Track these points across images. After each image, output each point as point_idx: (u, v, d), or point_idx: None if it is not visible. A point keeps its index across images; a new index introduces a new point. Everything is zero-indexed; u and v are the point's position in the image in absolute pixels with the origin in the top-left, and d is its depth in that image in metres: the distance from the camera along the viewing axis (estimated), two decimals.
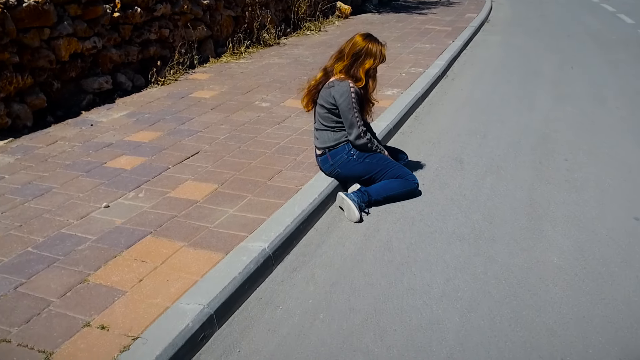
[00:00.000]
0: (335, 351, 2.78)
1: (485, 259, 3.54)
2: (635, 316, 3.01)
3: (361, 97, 4.22)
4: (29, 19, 5.88)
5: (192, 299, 2.98)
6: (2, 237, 3.65)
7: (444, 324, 2.95)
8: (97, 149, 5.18)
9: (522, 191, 4.49)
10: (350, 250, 3.69)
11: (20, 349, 2.65)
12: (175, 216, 3.87)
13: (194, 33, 8.41)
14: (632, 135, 5.82)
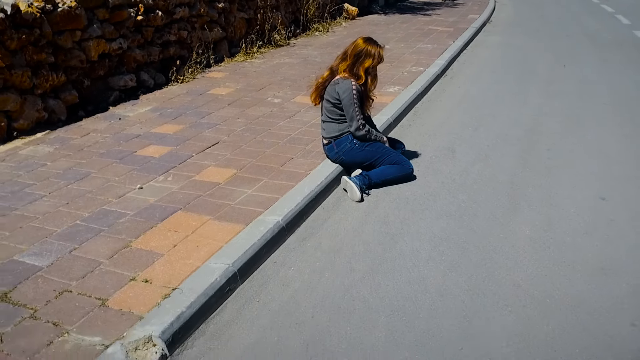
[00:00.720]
0: (338, 301, 3.37)
1: (467, 231, 4.13)
2: (591, 275, 3.58)
3: (362, 93, 4.81)
4: (63, 22, 6.50)
5: (218, 260, 3.58)
6: (53, 213, 4.26)
7: (428, 281, 3.54)
8: (127, 140, 5.79)
9: (505, 176, 5.07)
10: (352, 224, 4.28)
11: (80, 297, 3.26)
12: (200, 195, 4.47)
13: (210, 34, 9.02)
14: (614, 128, 6.37)
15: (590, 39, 12.10)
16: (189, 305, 3.16)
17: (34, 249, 3.76)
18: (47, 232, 3.97)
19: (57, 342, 2.90)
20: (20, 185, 4.78)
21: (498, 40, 12.08)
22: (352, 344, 3.02)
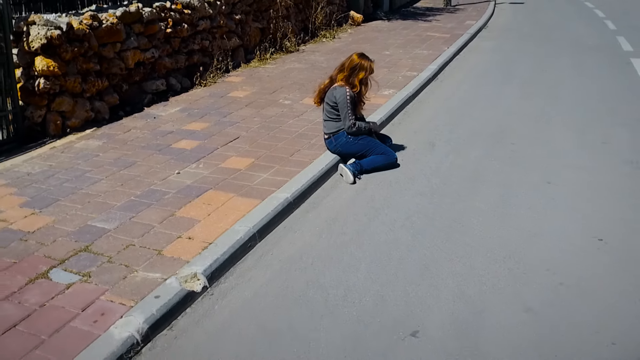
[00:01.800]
0: (331, 253, 4.53)
1: (435, 206, 5.28)
2: (526, 235, 4.71)
3: (355, 99, 5.97)
4: (106, 36, 7.70)
5: (242, 224, 4.75)
6: (111, 191, 5.44)
7: (400, 241, 4.69)
8: (163, 135, 6.98)
9: (472, 165, 6.22)
10: (345, 201, 5.45)
11: (142, 249, 4.44)
12: (226, 178, 5.65)
13: (229, 43, 10.21)
14: (571, 126, 7.50)
15: (574, 44, 13.19)
16: (222, 254, 4.33)
17: (101, 217, 4.95)
18: (109, 205, 5.16)
19: (129, 277, 4.08)
20: (80, 171, 5.98)
21: (490, 46, 13.21)
22: (340, 282, 4.18)
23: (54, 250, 4.43)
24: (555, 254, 4.45)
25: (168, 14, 8.80)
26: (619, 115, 7.88)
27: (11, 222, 4.89)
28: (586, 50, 12.49)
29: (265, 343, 3.56)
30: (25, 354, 3.36)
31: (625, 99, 8.68)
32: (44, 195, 5.41)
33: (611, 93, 9.04)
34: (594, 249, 4.50)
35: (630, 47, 12.66)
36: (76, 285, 4.00)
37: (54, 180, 5.75)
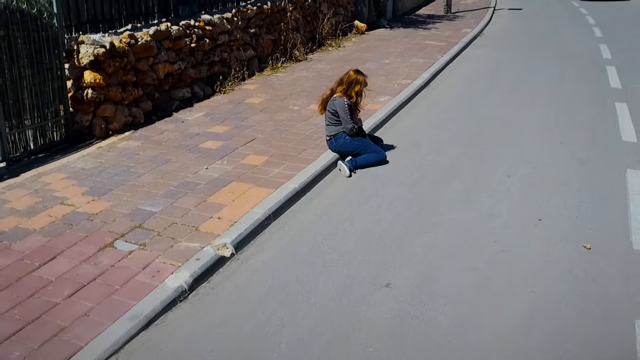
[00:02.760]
0: (329, 230, 5.83)
1: (414, 195, 6.57)
2: (483, 216, 5.98)
3: (352, 107, 7.26)
4: (141, 52, 9.03)
5: (260, 208, 6.05)
6: (154, 183, 6.76)
7: (383, 221, 5.98)
8: (191, 137, 8.30)
9: (449, 161, 7.51)
10: (342, 190, 6.75)
11: (183, 226, 5.75)
12: (246, 172, 6.96)
13: (244, 54, 11.52)
14: (537, 128, 8.75)
15: (560, 52, 14.41)
16: (245, 230, 5.64)
17: (148, 202, 6.27)
18: (153, 194, 6.48)
19: (175, 246, 5.39)
20: (126, 167, 7.30)
21: (481, 54, 14.45)
22: (335, 249, 5.47)
23: (114, 227, 5.76)
24: (502, 230, 5.73)
25: (192, 31, 10.12)
26: (580, 119, 9.13)
27: (78, 207, 6.22)
28: (569, 58, 13.71)
29: (279, 290, 4.86)
30: (104, 298, 4.67)
31: (590, 104, 9.91)
32: (99, 186, 6.74)
33: (580, 99, 10.28)
34: (532, 226, 5.78)
35: (610, 55, 13.88)
36: (135, 252, 5.32)
37: (105, 174, 7.08)
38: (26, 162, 7.62)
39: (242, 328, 4.41)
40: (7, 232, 5.72)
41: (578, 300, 4.61)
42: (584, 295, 4.67)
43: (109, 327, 4.35)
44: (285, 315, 4.52)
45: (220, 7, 11.44)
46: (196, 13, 10.56)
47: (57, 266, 5.12)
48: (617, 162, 7.34)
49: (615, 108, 9.60)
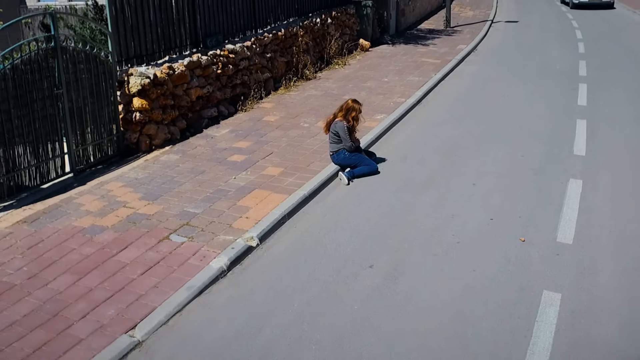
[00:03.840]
0: (330, 226, 7.67)
1: (397, 198, 8.39)
2: (446, 216, 7.80)
3: (350, 129, 9.11)
4: (178, 80, 10.91)
5: (277, 209, 7.90)
6: (194, 190, 8.63)
7: (372, 220, 7.81)
8: (220, 151, 10.17)
9: (428, 172, 9.32)
10: (342, 195, 8.59)
11: (219, 224, 7.60)
12: (266, 181, 8.81)
13: (261, 76, 13.39)
14: (504, 143, 10.53)
15: (541, 69, 16.17)
16: (267, 227, 7.49)
17: (191, 206, 8.13)
18: (194, 199, 8.34)
19: (215, 238, 7.25)
20: (169, 177, 9.18)
21: (472, 71, 16.24)
22: (334, 241, 7.30)
23: (168, 224, 7.63)
24: (461, 227, 7.55)
25: (218, 59, 12.00)
26: (542, 135, 10.91)
27: (137, 209, 8.10)
28: (549, 75, 15.46)
29: (292, 270, 6.71)
30: (167, 275, 6.53)
31: (554, 121, 11.68)
32: (151, 192, 8.62)
33: (547, 116, 12.05)
34: (484, 224, 7.60)
35: (585, 72, 15.62)
36: (186, 243, 7.19)
37: (154, 182, 8.96)
38: (88, 173, 9.53)
39: (266, 295, 6.27)
40: (87, 228, 7.61)
41: (505, 277, 6.43)
42: (511, 273, 6.49)
43: (172, 295, 6.22)
44: (296, 287, 6.38)
45: (241, 35, 13.31)
46: (221, 43, 12.43)
47: (129, 253, 7.00)
48: (564, 172, 9.13)
49: (575, 124, 11.37)
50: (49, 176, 9.06)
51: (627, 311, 5.79)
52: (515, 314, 5.80)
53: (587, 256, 6.79)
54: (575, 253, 6.86)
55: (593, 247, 6.99)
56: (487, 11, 28.55)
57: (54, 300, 6.17)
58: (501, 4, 32.84)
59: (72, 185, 9.05)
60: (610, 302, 5.95)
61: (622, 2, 31.35)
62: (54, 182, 9.10)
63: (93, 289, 6.35)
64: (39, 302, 6.14)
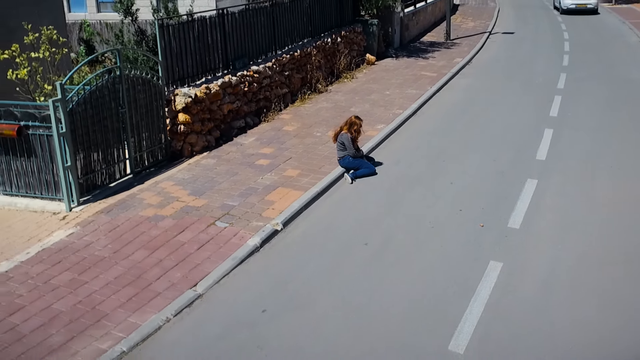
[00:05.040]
0: (337, 216, 10.02)
1: (390, 195, 10.72)
2: (427, 205, 10.12)
3: (353, 139, 11.46)
4: (213, 97, 13.30)
5: (296, 203, 10.26)
6: (230, 188, 11.00)
7: (368, 210, 10.15)
8: (248, 156, 12.54)
9: (416, 174, 11.64)
10: (346, 193, 10.95)
11: (251, 213, 9.97)
12: (286, 181, 11.18)
13: (281, 91, 15.76)
14: (481, 150, 12.81)
15: (526, 82, 18.39)
16: (288, 215, 9.85)
17: (229, 200, 10.51)
18: (231, 195, 10.71)
19: (250, 224, 9.62)
20: (210, 177, 11.56)
21: (464, 83, 18.51)
22: (339, 227, 9.64)
23: (213, 214, 10.01)
24: (436, 216, 9.87)
25: (245, 78, 14.38)
26: (513, 142, 13.18)
27: (188, 202, 10.48)
28: (531, 87, 17.69)
29: (307, 247, 9.07)
30: (216, 250, 8.92)
31: (526, 130, 13.94)
32: (197, 189, 11.00)
33: (521, 125, 14.30)
34: (455, 214, 9.90)
35: (563, 85, 17.84)
36: (228, 227, 9.57)
37: (198, 182, 11.34)
38: (144, 174, 11.93)
39: (288, 263, 8.64)
40: (151, 217, 10.01)
41: (464, 251, 8.74)
42: (469, 249, 8.80)
43: (221, 264, 8.59)
44: (310, 257, 8.75)
45: (263, 57, 15.68)
46: (247, 65, 14.82)
47: (186, 235, 9.39)
48: (524, 173, 11.41)
49: (543, 133, 13.62)
50: (115, 177, 11.48)
51: (546, 275, 8.09)
52: (468, 276, 8.11)
53: (528, 238, 9.10)
54: (519, 235, 9.17)
55: (534, 231, 9.29)
56: (487, 22, 30.74)
57: (135, 267, 8.57)
58: (502, 12, 35.03)
59: (133, 184, 11.45)
60: (536, 269, 8.26)
61: (615, 12, 33.46)
62: (119, 181, 11.51)
63: (163, 259, 8.74)
64: (125, 269, 8.54)
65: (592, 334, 6.92)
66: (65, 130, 10.14)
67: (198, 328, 7.35)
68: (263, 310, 7.61)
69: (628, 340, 6.78)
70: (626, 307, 7.36)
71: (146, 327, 7.29)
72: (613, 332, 6.92)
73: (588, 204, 10.13)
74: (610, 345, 6.74)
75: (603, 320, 7.14)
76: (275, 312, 7.60)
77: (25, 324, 7.43)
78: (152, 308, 7.65)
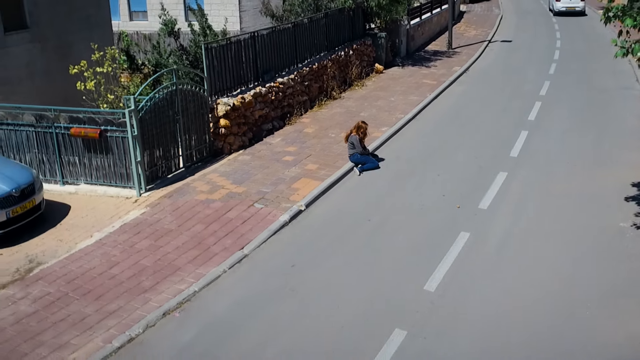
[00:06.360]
0: (348, 201, 12.92)
1: (390, 185, 13.61)
2: (418, 194, 13.01)
3: (360, 140, 14.37)
4: (247, 105, 16.25)
5: (316, 189, 13.18)
6: (264, 178, 13.95)
7: (371, 196, 13.05)
8: (276, 153, 15.48)
9: (412, 168, 14.52)
10: (355, 183, 13.86)
11: (282, 197, 12.90)
12: (308, 173, 14.10)
13: (301, 99, 18.69)
14: (466, 149, 15.65)
15: (514, 89, 21.17)
16: (310, 199, 12.79)
17: (266, 187, 13.43)
18: (265, 183, 13.65)
19: (280, 205, 12.55)
20: (246, 170, 14.50)
21: (460, 90, 21.33)
22: (349, 209, 12.56)
23: (251, 198, 12.96)
24: (424, 201, 12.74)
25: (272, 89, 17.33)
26: (494, 142, 15.99)
27: (231, 189, 13.44)
28: (518, 94, 20.45)
29: (323, 223, 11.99)
30: (255, 224, 11.86)
31: (506, 132, 16.74)
32: (237, 179, 13.95)
33: (503, 128, 17.11)
34: (438, 198, 12.78)
35: (545, 92, 20.61)
36: (264, 208, 12.51)
37: (238, 174, 14.29)
38: (194, 168, 14.90)
39: (311, 234, 11.58)
40: (203, 200, 12.97)
41: (442, 225, 11.61)
42: (446, 224, 11.65)
43: (260, 234, 11.54)
44: (327, 230, 11.68)
45: (287, 70, 18.61)
46: (274, 77, 17.76)
47: (232, 213, 12.34)
48: (498, 168, 14.25)
49: (519, 134, 16.44)
50: (171, 170, 14.46)
51: (500, 242, 10.96)
52: (443, 241, 11.00)
53: (491, 216, 11.96)
54: (486, 214, 12.04)
55: (497, 211, 12.16)
56: (489, 30, 33.45)
57: (196, 236, 11.53)
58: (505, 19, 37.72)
59: (185, 176, 14.42)
60: (493, 238, 11.13)
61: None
62: (174, 173, 14.48)
63: (216, 231, 11.70)
64: (189, 237, 11.51)
65: (529, 280, 9.78)
66: (137, 133, 13.11)
67: (246, 277, 10.30)
68: (292, 265, 10.54)
69: (553, 284, 9.65)
70: (554, 262, 10.23)
71: (210, 276, 10.24)
72: (544, 281, 9.79)
73: (542, 191, 12.97)
74: (542, 287, 9.61)
75: (537, 271, 10.00)
76: (301, 267, 10.52)
77: (122, 274, 10.40)
78: (212, 263, 10.60)
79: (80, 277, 10.26)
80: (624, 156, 14.76)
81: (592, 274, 9.87)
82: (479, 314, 8.96)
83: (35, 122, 13.78)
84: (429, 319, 8.88)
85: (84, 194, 13.78)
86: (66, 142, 13.77)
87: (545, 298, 9.27)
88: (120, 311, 9.33)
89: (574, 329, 8.54)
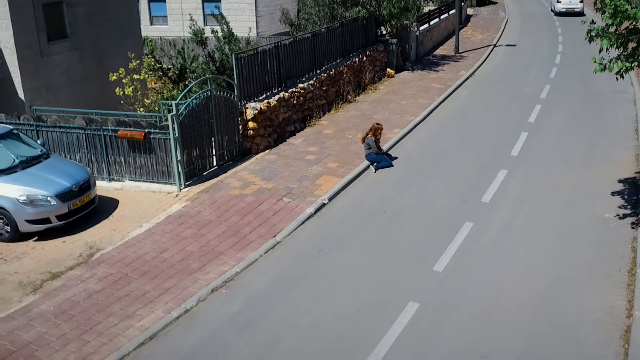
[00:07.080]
0: (365, 194, 14.58)
1: (402, 180, 15.25)
2: (423, 188, 14.65)
3: (376, 141, 16.02)
4: (272, 109, 17.92)
5: (337, 185, 14.83)
6: (289, 175, 15.61)
7: (388, 191, 14.70)
8: (299, 153, 17.14)
9: (421, 165, 16.14)
10: (371, 179, 15.51)
11: (307, 192, 14.60)
12: (329, 171, 15.75)
13: (320, 102, 20.34)
14: (468, 149, 17.25)
15: (516, 92, 22.74)
16: (332, 193, 14.45)
17: (290, 183, 15.08)
18: (291, 180, 15.31)
19: (306, 199, 14.20)
20: (273, 168, 16.14)
21: (465, 94, 22.92)
22: (364, 202, 14.20)
23: (280, 193, 14.61)
24: (431, 193, 14.39)
25: (294, 94, 18.99)
26: (495, 142, 17.59)
27: (261, 185, 15.11)
28: (519, 98, 22.02)
29: (342, 213, 13.64)
30: (284, 216, 13.53)
31: (507, 133, 18.31)
32: (265, 176, 15.61)
33: (503, 129, 18.70)
34: (444, 192, 14.41)
35: (545, 95, 22.18)
36: (291, 202, 14.17)
37: (266, 171, 15.95)
38: (226, 166, 16.58)
39: (333, 224, 13.23)
40: (237, 195, 14.65)
41: (448, 216, 13.23)
42: (452, 216, 13.29)
43: (290, 224, 13.20)
44: (347, 221, 13.34)
45: (307, 76, 20.27)
46: (295, 83, 19.42)
47: (263, 206, 14.02)
48: (499, 165, 15.85)
49: (520, 135, 18.04)
50: (206, 168, 16.14)
51: (500, 231, 12.58)
52: (449, 230, 12.62)
53: (493, 208, 13.58)
54: (487, 207, 13.67)
55: (497, 204, 13.77)
56: (494, 34, 34.97)
57: (233, 226, 13.20)
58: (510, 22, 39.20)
59: (219, 173, 16.10)
60: (494, 227, 12.74)
61: None
62: (209, 171, 16.17)
63: (251, 221, 13.37)
64: (227, 227, 13.18)
65: (525, 263, 11.41)
66: (178, 135, 14.80)
67: (280, 260, 11.97)
68: (319, 250, 12.21)
69: (546, 266, 11.27)
70: (547, 248, 11.85)
71: (249, 259, 11.92)
72: (538, 263, 11.41)
73: (539, 187, 14.58)
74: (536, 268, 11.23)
75: (532, 255, 11.63)
76: (327, 251, 12.19)
77: (172, 258, 12.08)
78: (250, 249, 12.27)
79: (136, 261, 11.94)
80: (615, 155, 16.33)
81: (578, 257, 11.47)
82: (480, 290, 10.58)
83: (85, 125, 15.47)
84: (437, 293, 10.51)
85: (129, 190, 15.47)
86: (113, 143, 15.46)
87: (538, 278, 10.87)
88: (174, 288, 11.00)
89: (561, 301, 10.14)
